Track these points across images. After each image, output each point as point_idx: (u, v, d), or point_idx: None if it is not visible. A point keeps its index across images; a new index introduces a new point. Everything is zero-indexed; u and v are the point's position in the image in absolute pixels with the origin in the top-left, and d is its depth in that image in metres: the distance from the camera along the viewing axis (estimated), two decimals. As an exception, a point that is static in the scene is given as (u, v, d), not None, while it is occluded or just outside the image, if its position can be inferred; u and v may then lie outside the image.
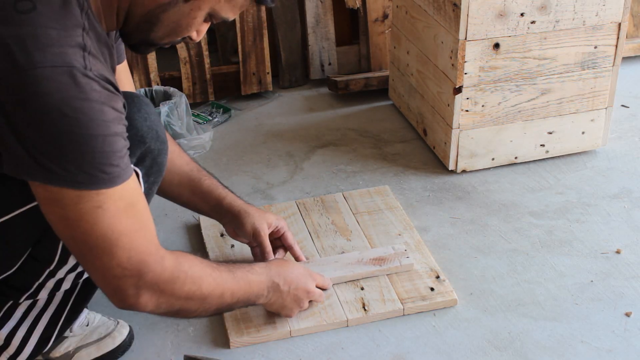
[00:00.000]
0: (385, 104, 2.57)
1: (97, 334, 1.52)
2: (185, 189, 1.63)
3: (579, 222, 1.93)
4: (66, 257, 1.28)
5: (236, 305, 1.39)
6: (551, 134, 2.17)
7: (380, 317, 1.61)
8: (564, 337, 1.57)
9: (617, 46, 2.11)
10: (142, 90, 2.35)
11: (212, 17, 1.20)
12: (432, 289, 1.66)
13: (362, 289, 1.67)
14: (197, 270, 1.28)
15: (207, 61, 2.52)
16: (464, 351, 1.54)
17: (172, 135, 2.15)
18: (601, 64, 2.12)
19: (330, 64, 2.70)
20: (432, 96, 2.19)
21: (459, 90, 2.03)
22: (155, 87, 2.37)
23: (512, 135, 2.14)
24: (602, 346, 1.54)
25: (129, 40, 1.23)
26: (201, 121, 2.42)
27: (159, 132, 1.37)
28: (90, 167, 1.07)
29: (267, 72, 2.60)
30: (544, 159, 2.21)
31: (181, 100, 2.25)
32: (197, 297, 1.28)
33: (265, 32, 2.56)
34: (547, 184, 2.11)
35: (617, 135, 2.34)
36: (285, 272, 1.48)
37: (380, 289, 1.67)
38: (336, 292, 1.66)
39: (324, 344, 1.55)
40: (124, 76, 1.49)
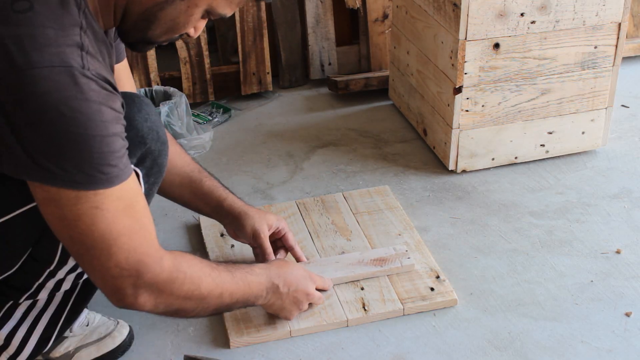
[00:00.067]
0: (385, 104, 2.57)
1: (97, 334, 1.52)
2: (185, 190, 1.62)
3: (579, 222, 1.93)
4: (66, 257, 1.28)
5: (235, 305, 1.39)
6: (551, 134, 2.17)
7: (380, 317, 1.61)
8: (564, 337, 1.57)
9: (617, 46, 2.11)
10: (142, 90, 2.35)
11: (209, 14, 1.20)
12: (432, 289, 1.66)
13: (362, 289, 1.67)
14: (196, 270, 1.28)
15: (207, 61, 2.52)
16: (464, 351, 1.54)
17: (172, 135, 2.14)
18: (601, 64, 2.12)
19: (330, 64, 2.70)
20: (432, 96, 2.19)
21: (459, 90, 2.03)
22: (155, 87, 2.37)
23: (512, 135, 2.14)
24: (602, 346, 1.54)
25: (127, 38, 1.23)
26: (201, 121, 2.42)
27: (160, 133, 1.37)
28: (88, 167, 1.07)
29: (267, 72, 2.60)
30: (544, 159, 2.21)
31: (181, 100, 2.25)
32: (195, 297, 1.28)
33: (265, 32, 2.56)
34: (547, 184, 2.11)
35: (617, 135, 2.34)
36: (284, 274, 1.48)
37: (380, 289, 1.67)
38: (336, 292, 1.65)
39: (324, 344, 1.55)
40: (124, 75, 1.48)
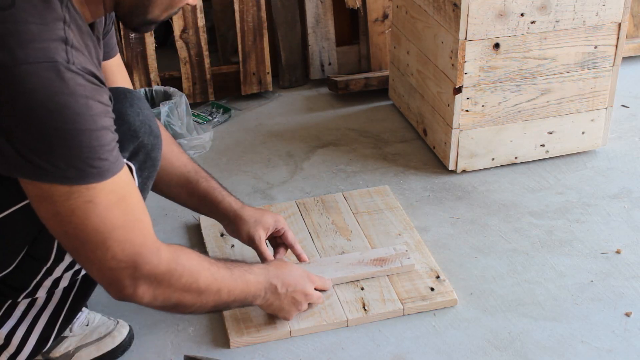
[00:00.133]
0: (385, 104, 2.57)
1: (97, 334, 1.52)
2: (183, 190, 1.61)
3: (579, 222, 1.93)
4: (62, 254, 1.28)
5: (233, 304, 1.39)
6: (551, 134, 2.17)
7: (380, 317, 1.61)
8: (564, 337, 1.57)
9: (617, 46, 2.11)
10: (142, 90, 2.35)
11: None
12: (432, 289, 1.66)
13: (362, 289, 1.67)
14: (194, 263, 1.28)
15: (207, 61, 2.52)
16: (464, 351, 1.54)
17: (173, 135, 2.14)
18: (601, 64, 2.12)
19: (330, 64, 2.70)
20: (432, 96, 2.19)
21: (459, 90, 2.03)
22: (155, 87, 2.37)
23: (512, 135, 2.14)
24: (602, 346, 1.54)
25: (128, 24, 1.22)
26: (201, 121, 2.42)
27: (152, 127, 1.36)
28: (78, 162, 1.06)
29: (267, 72, 2.60)
30: (544, 159, 2.21)
31: (181, 100, 2.25)
32: (194, 290, 1.27)
33: (265, 32, 2.56)
34: (547, 184, 2.11)
35: (617, 135, 2.34)
36: (283, 275, 1.48)
37: (380, 289, 1.67)
38: (336, 292, 1.65)
39: (324, 344, 1.55)
40: (117, 70, 1.48)
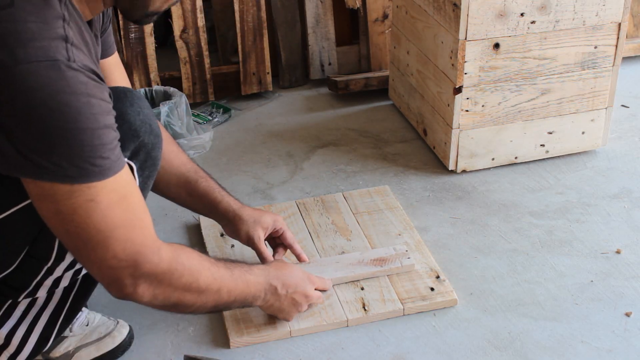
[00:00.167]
0: (385, 104, 2.57)
1: (97, 334, 1.52)
2: (182, 190, 1.61)
3: (579, 222, 1.93)
4: (63, 254, 1.28)
5: (233, 304, 1.39)
6: (551, 134, 2.17)
7: (380, 317, 1.61)
8: (564, 337, 1.57)
9: (617, 46, 2.11)
10: (142, 90, 2.35)
11: None
12: (432, 289, 1.66)
13: (362, 289, 1.67)
14: (195, 263, 1.28)
15: (207, 61, 2.52)
16: (464, 351, 1.53)
17: (172, 135, 2.14)
18: (601, 64, 2.12)
19: (330, 64, 2.70)
20: (432, 96, 2.19)
21: (459, 90, 2.03)
22: (155, 87, 2.37)
23: (512, 135, 2.14)
24: (602, 346, 1.54)
25: (130, 17, 1.22)
26: (201, 121, 2.42)
27: (153, 126, 1.36)
28: (80, 161, 1.06)
29: (267, 72, 2.60)
30: (544, 159, 2.21)
31: (181, 100, 2.25)
32: (194, 289, 1.27)
33: (265, 32, 2.56)
34: (547, 184, 2.11)
35: (617, 135, 2.34)
36: (283, 276, 1.48)
37: (380, 289, 1.67)
38: (336, 292, 1.65)
39: (324, 344, 1.55)
40: (115, 69, 1.48)
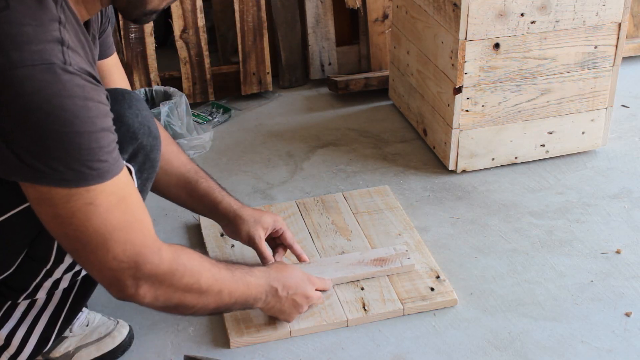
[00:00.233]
0: (385, 104, 2.57)
1: (97, 334, 1.52)
2: (182, 190, 1.61)
3: (579, 222, 1.93)
4: (62, 256, 1.28)
5: (234, 306, 1.39)
6: (551, 134, 2.17)
7: (380, 317, 1.61)
8: (564, 337, 1.57)
9: (617, 46, 2.11)
10: (142, 90, 2.35)
11: None
12: (432, 289, 1.66)
13: (362, 289, 1.67)
14: (195, 264, 1.27)
15: (207, 61, 2.52)
16: (464, 351, 1.54)
17: (172, 135, 2.14)
18: (601, 64, 2.12)
19: (330, 64, 2.70)
20: (432, 96, 2.19)
21: (459, 90, 2.03)
22: (155, 87, 2.37)
23: (512, 135, 2.14)
24: (602, 346, 1.54)
25: (128, 16, 1.22)
26: (201, 121, 2.42)
27: (151, 128, 1.36)
28: (78, 165, 1.06)
29: (267, 72, 2.60)
30: (544, 159, 2.21)
31: (181, 100, 2.25)
32: (195, 290, 1.27)
33: (265, 32, 2.56)
34: (547, 184, 2.11)
35: (617, 135, 2.34)
36: (284, 278, 1.48)
37: (380, 289, 1.67)
38: (336, 292, 1.65)
39: (324, 344, 1.55)
40: (115, 70, 1.47)
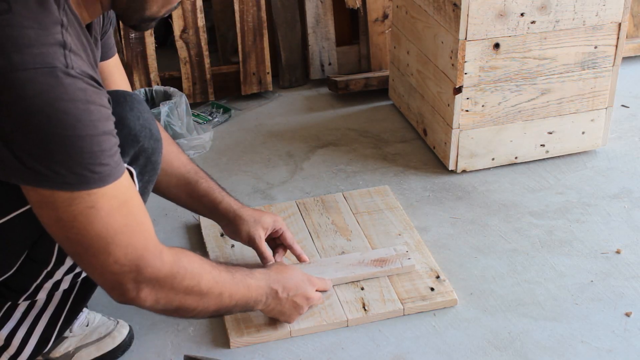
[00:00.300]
0: (385, 104, 2.57)
1: (97, 334, 1.52)
2: (182, 191, 1.61)
3: (579, 222, 1.93)
4: (63, 258, 1.28)
5: (235, 308, 1.39)
6: (551, 134, 2.17)
7: (380, 317, 1.61)
8: (564, 337, 1.57)
9: (617, 46, 2.11)
10: (142, 90, 2.35)
11: None
12: (432, 289, 1.66)
13: (362, 289, 1.67)
14: (196, 267, 1.28)
15: (207, 61, 2.52)
16: (464, 351, 1.54)
17: (172, 135, 2.15)
18: (601, 64, 2.12)
19: (330, 64, 2.70)
20: (432, 96, 2.19)
21: (459, 90, 2.03)
22: (155, 87, 2.37)
23: (512, 135, 2.14)
24: (602, 346, 1.54)
25: (127, 21, 1.21)
26: (201, 121, 2.42)
27: (153, 131, 1.35)
28: (79, 168, 1.05)
29: (267, 72, 2.60)
30: (544, 159, 2.21)
31: (181, 100, 2.25)
32: (195, 292, 1.27)
33: (265, 32, 2.56)
34: (547, 184, 2.11)
35: (617, 135, 2.34)
36: (284, 279, 1.48)
37: (380, 289, 1.67)
38: (336, 292, 1.65)
39: (324, 344, 1.55)
40: (116, 71, 1.47)
